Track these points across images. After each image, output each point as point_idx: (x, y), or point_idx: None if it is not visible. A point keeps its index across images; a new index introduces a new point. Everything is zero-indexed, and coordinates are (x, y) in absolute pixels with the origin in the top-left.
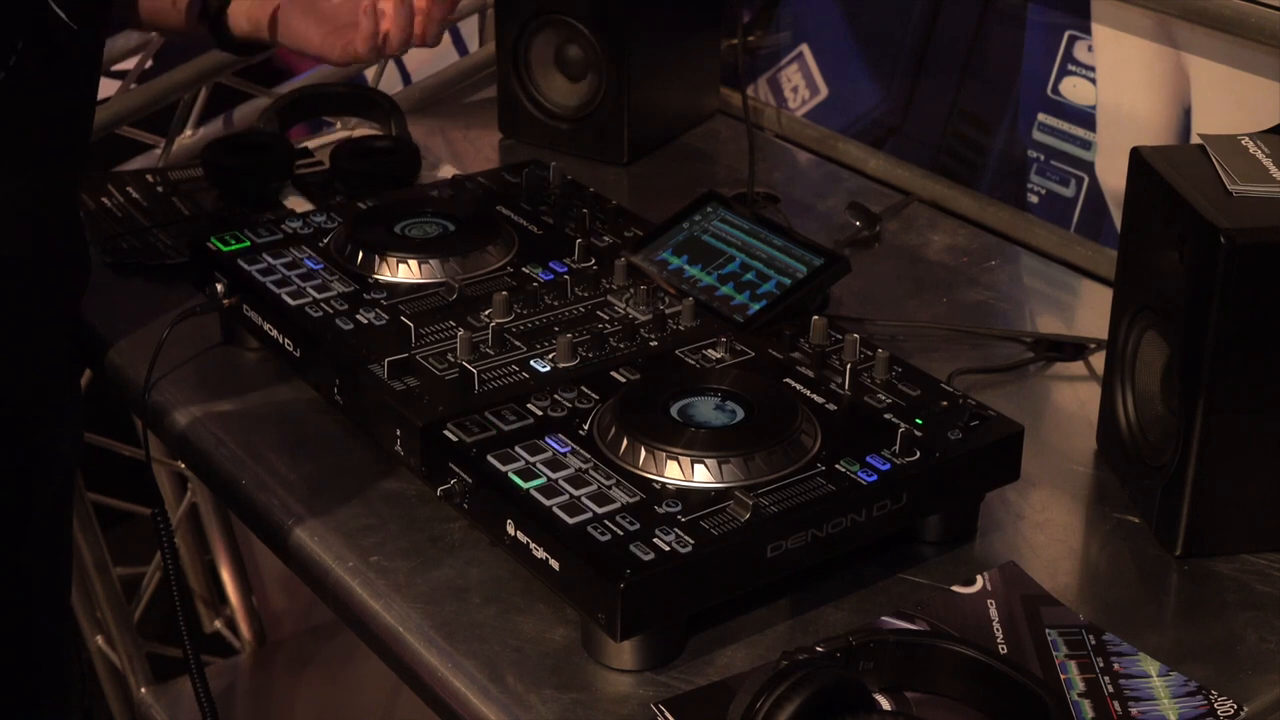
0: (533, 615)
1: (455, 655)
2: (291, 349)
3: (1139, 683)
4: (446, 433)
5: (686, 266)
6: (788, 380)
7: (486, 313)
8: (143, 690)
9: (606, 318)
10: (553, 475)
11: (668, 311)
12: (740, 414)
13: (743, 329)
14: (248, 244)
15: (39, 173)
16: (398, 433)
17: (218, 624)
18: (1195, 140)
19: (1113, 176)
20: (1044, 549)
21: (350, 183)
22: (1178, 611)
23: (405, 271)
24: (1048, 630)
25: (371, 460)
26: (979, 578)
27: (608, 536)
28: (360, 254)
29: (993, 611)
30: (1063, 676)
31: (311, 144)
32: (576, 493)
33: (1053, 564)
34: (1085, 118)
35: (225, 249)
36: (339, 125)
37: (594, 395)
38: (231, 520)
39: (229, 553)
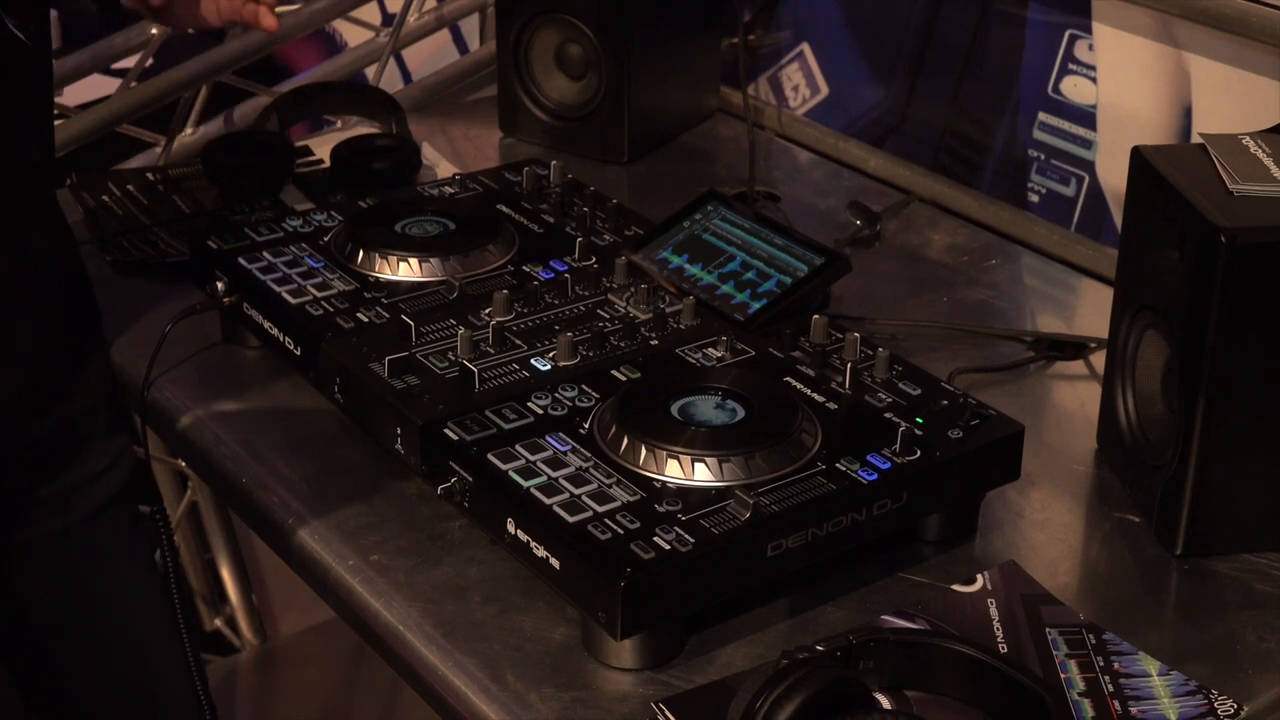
0: (533, 614)
1: (455, 654)
2: (292, 347)
3: (1139, 682)
4: (447, 431)
5: (687, 265)
6: (788, 379)
7: (487, 311)
8: None
9: (607, 316)
10: (553, 474)
11: (668, 310)
12: (741, 413)
13: (743, 328)
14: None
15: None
16: (398, 431)
17: (218, 622)
18: (1196, 139)
19: (1113, 176)
20: (1044, 548)
21: (351, 181)
22: (1178, 611)
23: (406, 270)
24: (1048, 629)
25: (372, 459)
26: (979, 577)
27: (608, 535)
28: (361, 252)
29: (993, 611)
30: (1063, 675)
31: (312, 142)
32: (577, 491)
33: (1053, 563)
34: (1086, 117)
35: (226, 247)
36: (339, 124)
37: (594, 394)
38: (231, 519)
39: (229, 551)
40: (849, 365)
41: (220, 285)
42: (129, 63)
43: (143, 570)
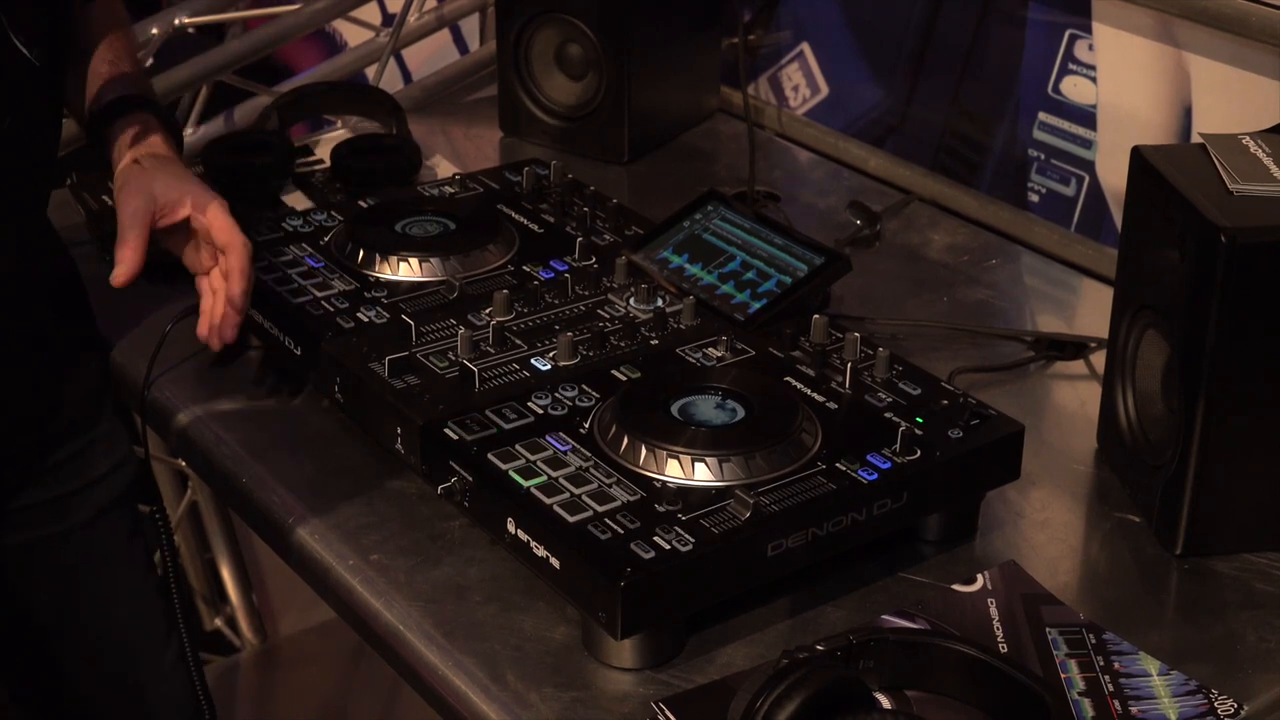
0: (533, 613)
1: (455, 653)
2: (292, 347)
3: (1139, 681)
4: (447, 431)
5: (687, 265)
6: (788, 379)
7: (487, 311)
8: None
9: (607, 316)
10: (553, 473)
11: (668, 310)
12: (741, 413)
13: (743, 327)
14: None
15: (7, 199)
16: (398, 431)
17: (218, 622)
18: (1196, 139)
19: (1113, 175)
20: (1044, 548)
21: (351, 181)
22: (1178, 610)
23: (406, 270)
24: (1048, 629)
25: (372, 459)
26: (979, 576)
27: (608, 535)
28: (361, 252)
29: (993, 610)
30: (1063, 675)
31: (312, 142)
32: (577, 491)
33: (1053, 563)
34: (1086, 117)
35: None
36: (340, 124)
37: (595, 393)
38: (232, 518)
39: (229, 551)
40: (849, 365)
41: None
42: None
43: (142, 574)
